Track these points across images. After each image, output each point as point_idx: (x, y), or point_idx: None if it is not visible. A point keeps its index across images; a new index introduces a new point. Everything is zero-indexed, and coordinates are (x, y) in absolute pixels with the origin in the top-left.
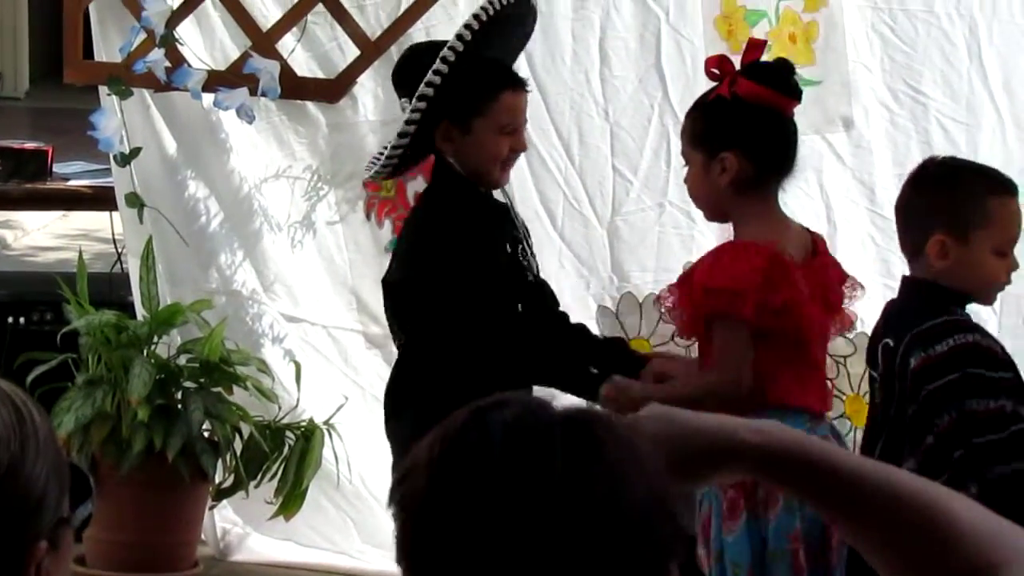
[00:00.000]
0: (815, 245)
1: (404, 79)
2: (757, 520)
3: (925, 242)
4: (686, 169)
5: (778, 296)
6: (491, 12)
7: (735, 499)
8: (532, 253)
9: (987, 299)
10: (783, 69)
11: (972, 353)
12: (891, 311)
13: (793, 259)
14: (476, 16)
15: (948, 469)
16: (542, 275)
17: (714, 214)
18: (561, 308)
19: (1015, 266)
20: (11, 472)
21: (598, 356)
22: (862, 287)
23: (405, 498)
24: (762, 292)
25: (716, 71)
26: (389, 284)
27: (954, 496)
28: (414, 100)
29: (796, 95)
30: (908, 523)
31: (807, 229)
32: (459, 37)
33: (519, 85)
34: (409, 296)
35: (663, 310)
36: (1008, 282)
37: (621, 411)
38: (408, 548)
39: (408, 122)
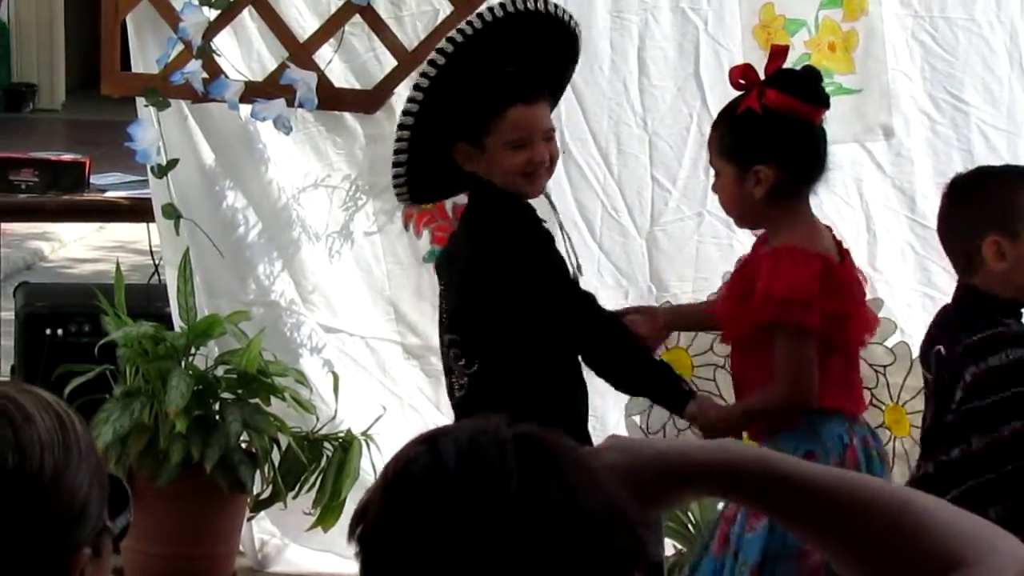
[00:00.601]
0: (839, 247)
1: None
2: None
3: (978, 249)
4: (714, 178)
5: (835, 303)
6: (478, 26)
7: None
8: (575, 256)
9: None
10: (811, 78)
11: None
12: (944, 317)
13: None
14: (461, 29)
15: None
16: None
17: (746, 222)
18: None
19: None
20: (55, 478)
21: None
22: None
23: (363, 533)
24: (823, 300)
25: (742, 80)
26: (455, 314)
27: (923, 496)
28: (400, 119)
29: (825, 103)
30: (878, 528)
31: (830, 230)
32: (440, 51)
33: (528, 96)
34: (480, 323)
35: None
36: None
37: (705, 431)
38: None
39: (397, 142)
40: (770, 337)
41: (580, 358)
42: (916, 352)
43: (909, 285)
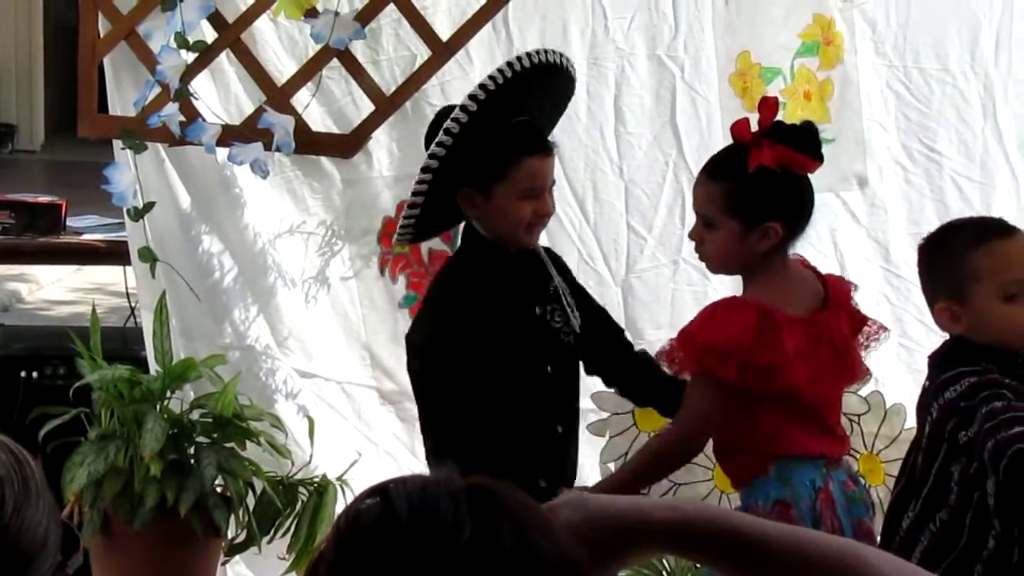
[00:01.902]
0: (828, 292)
1: (427, 139)
2: None
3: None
4: (701, 228)
5: (764, 357)
6: (508, 75)
7: None
8: (571, 311)
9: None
10: (813, 132)
11: (985, 385)
12: (931, 362)
13: (792, 315)
14: (492, 78)
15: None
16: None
17: (732, 272)
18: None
19: None
20: (16, 512)
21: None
22: (885, 329)
23: None
24: (748, 352)
25: (742, 137)
26: (408, 344)
27: (867, 550)
28: (425, 162)
29: (822, 157)
30: None
31: (818, 274)
32: (472, 97)
33: (542, 149)
34: (420, 363)
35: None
36: None
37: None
38: None
39: (419, 184)
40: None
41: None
42: (890, 402)
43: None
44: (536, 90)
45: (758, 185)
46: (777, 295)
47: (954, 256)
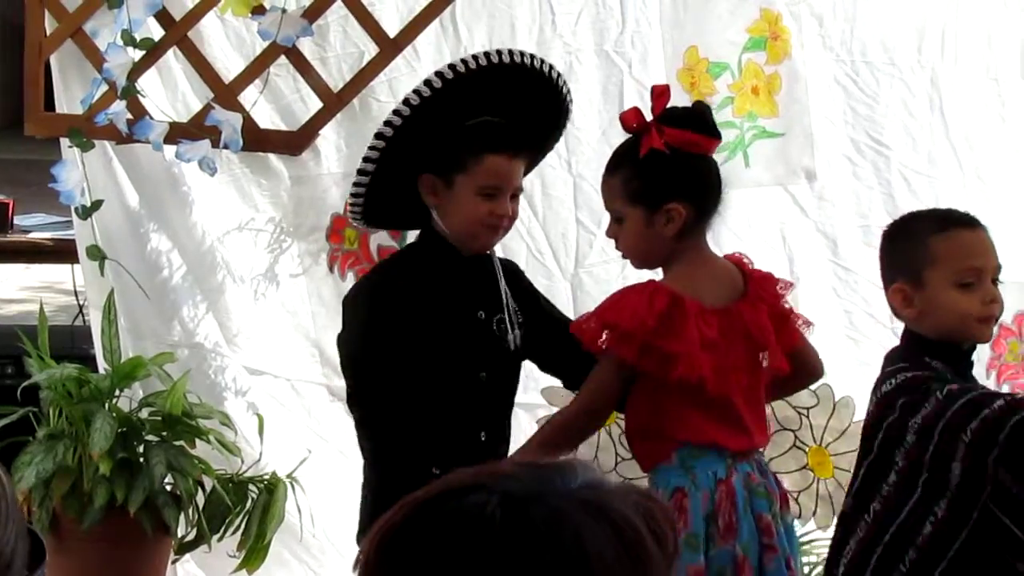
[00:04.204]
0: (747, 284)
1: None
2: None
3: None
4: (612, 224)
5: (667, 343)
6: (485, 63)
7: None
8: (514, 322)
9: (975, 334)
10: (703, 111)
11: (918, 382)
12: (884, 359)
13: (706, 305)
14: (464, 61)
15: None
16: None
17: (651, 263)
18: None
19: (991, 295)
20: None
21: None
22: (810, 324)
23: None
24: (651, 335)
25: (635, 124)
26: (338, 343)
27: None
28: (372, 139)
29: (718, 135)
30: None
31: (740, 267)
32: (440, 74)
33: (508, 149)
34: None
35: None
36: (992, 312)
37: None
38: None
39: (370, 151)
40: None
41: None
42: (839, 395)
43: (831, 328)
44: (517, 94)
45: (652, 168)
46: (693, 283)
47: (915, 239)
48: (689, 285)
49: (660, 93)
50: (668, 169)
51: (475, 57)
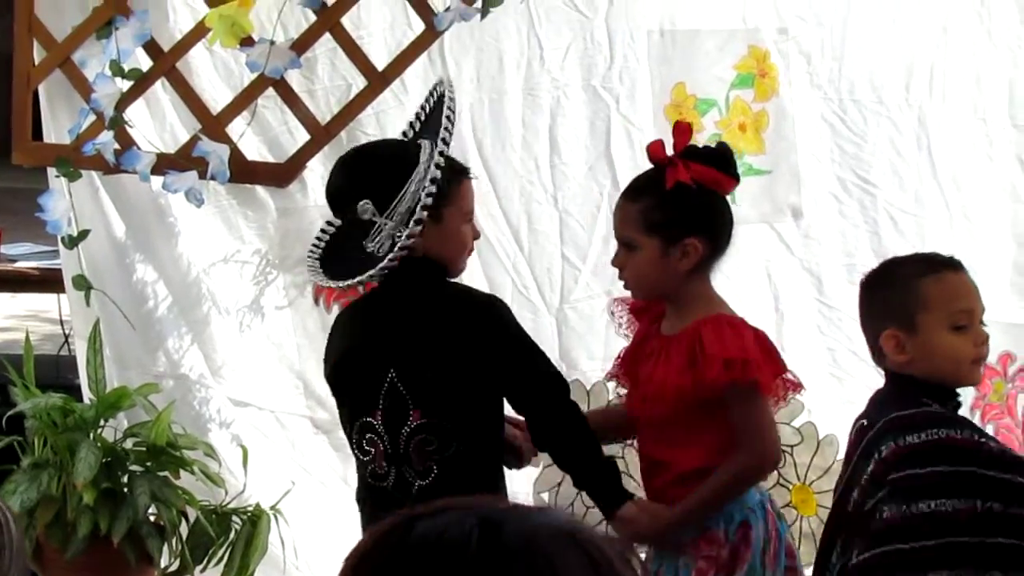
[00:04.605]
0: None
1: (360, 180)
2: None
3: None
4: (622, 252)
5: (775, 366)
6: (453, 109)
7: (704, 571)
8: None
9: (967, 377)
10: (728, 152)
11: (946, 449)
12: (874, 397)
13: None
14: (452, 108)
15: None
16: None
17: (655, 295)
18: None
19: (982, 337)
20: None
21: None
22: None
23: None
24: (766, 362)
25: (657, 157)
26: (432, 396)
27: None
28: (423, 194)
29: (739, 177)
30: None
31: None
32: (444, 140)
33: (470, 173)
34: (460, 404)
35: (616, 317)
36: (983, 354)
37: (638, 536)
38: None
39: (417, 221)
40: (717, 406)
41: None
42: (823, 432)
43: (816, 366)
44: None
45: (676, 201)
46: (728, 309)
47: (904, 285)
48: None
49: (684, 130)
50: (692, 204)
51: (450, 108)
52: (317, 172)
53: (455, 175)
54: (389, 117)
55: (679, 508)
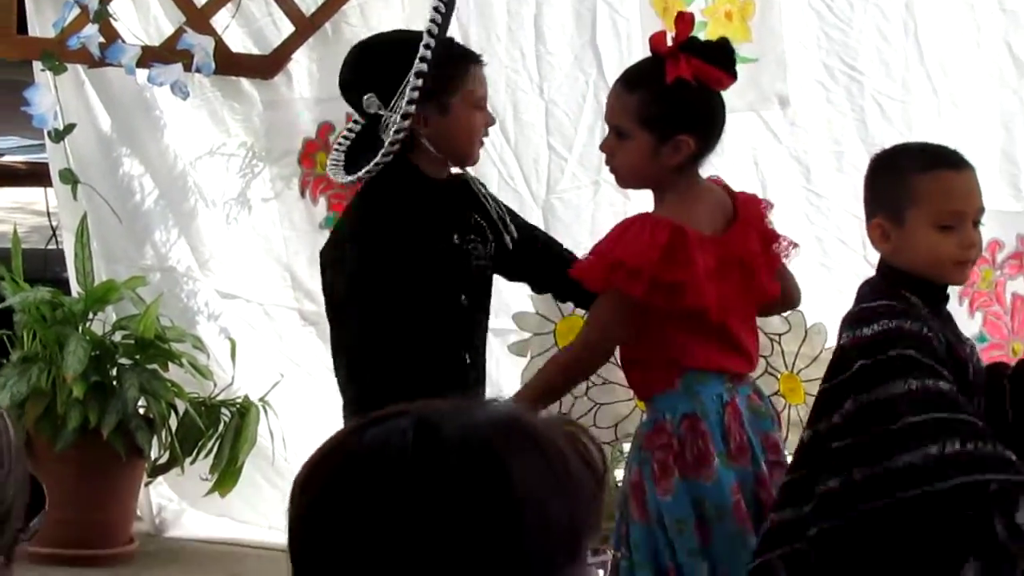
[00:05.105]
0: (737, 209)
1: (365, 73)
2: (689, 480)
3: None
4: (612, 139)
5: (673, 274)
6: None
7: (664, 460)
8: (489, 235)
9: (949, 276)
10: (730, 49)
11: (898, 336)
12: (859, 287)
13: (704, 234)
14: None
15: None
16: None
17: (640, 187)
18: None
19: (969, 240)
20: None
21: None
22: (795, 245)
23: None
24: (658, 269)
25: (658, 48)
26: (324, 258)
27: None
28: (407, 93)
29: (736, 75)
30: None
31: (729, 192)
32: (433, 20)
33: (480, 58)
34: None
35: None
36: (968, 257)
37: None
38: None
39: (405, 116)
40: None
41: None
42: (811, 321)
43: (804, 255)
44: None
45: (674, 97)
46: (689, 213)
47: (899, 175)
48: (686, 215)
49: (687, 20)
50: (689, 101)
51: None
52: (302, 64)
53: (460, 62)
54: (373, 8)
55: (520, 394)
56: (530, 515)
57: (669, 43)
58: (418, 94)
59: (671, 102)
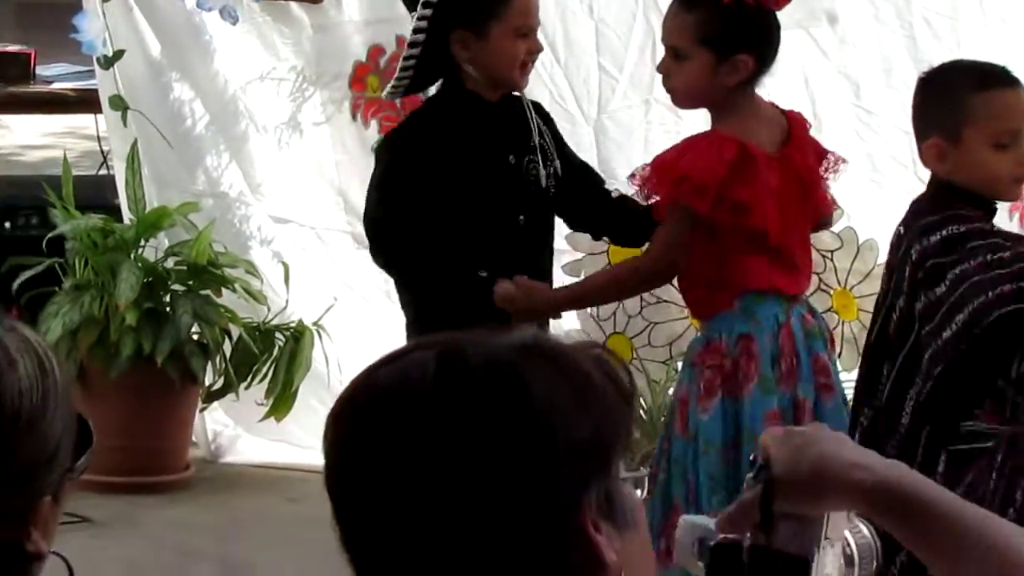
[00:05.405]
0: (790, 127)
1: None
2: (733, 401)
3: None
4: (670, 59)
5: (741, 192)
6: None
7: (712, 379)
8: (551, 156)
9: (1006, 194)
10: None
11: (964, 237)
12: (912, 204)
13: (767, 152)
14: None
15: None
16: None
17: (699, 106)
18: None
19: None
20: (29, 426)
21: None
22: (844, 160)
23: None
24: (725, 186)
25: None
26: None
27: None
28: (419, 7)
29: None
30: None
31: (780, 110)
32: None
33: None
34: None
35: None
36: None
37: (518, 314)
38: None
39: (416, 31)
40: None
41: None
42: (862, 237)
43: (854, 171)
44: None
45: (733, 16)
46: (750, 131)
47: (954, 95)
48: (750, 133)
49: None
50: (748, 20)
51: None
52: None
53: None
54: None
55: (562, 289)
56: (556, 431)
57: None
58: (430, 11)
59: (730, 21)
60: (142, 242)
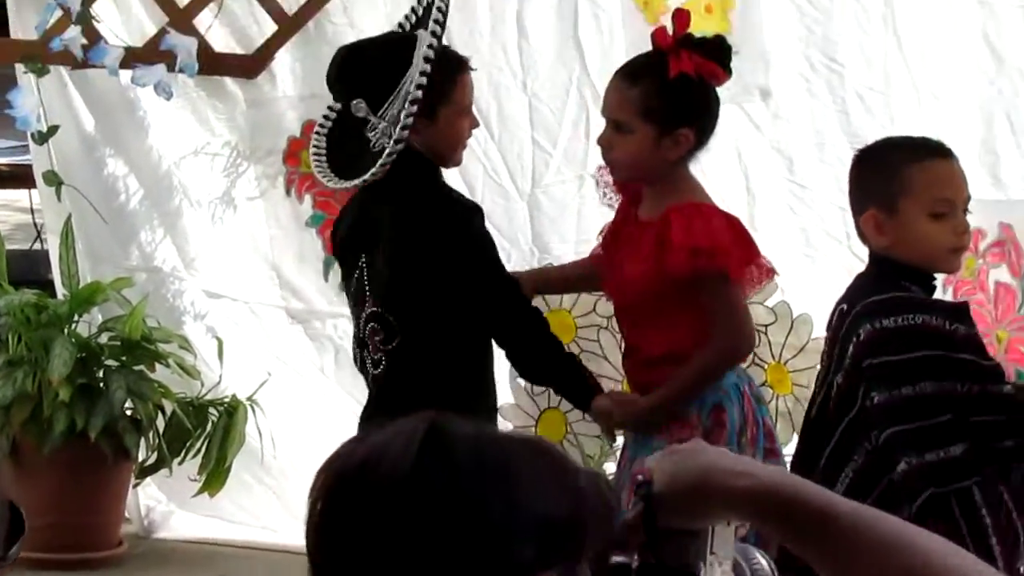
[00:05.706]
0: None
1: (353, 78)
2: None
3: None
4: (611, 132)
5: (744, 252)
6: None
7: None
8: None
9: (944, 266)
10: (726, 45)
11: (921, 334)
12: (856, 281)
13: None
14: (440, 9)
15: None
16: None
17: (639, 180)
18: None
19: (962, 226)
20: None
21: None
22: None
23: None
24: (751, 253)
25: (660, 44)
26: (384, 287)
27: (933, 539)
28: (407, 101)
29: (731, 71)
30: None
31: None
32: (433, 33)
33: (468, 65)
34: (409, 298)
35: (601, 185)
36: (963, 243)
37: (614, 426)
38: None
39: (403, 128)
40: (686, 293)
41: (493, 341)
42: (796, 312)
43: (788, 246)
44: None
45: (677, 91)
46: (706, 198)
47: (891, 166)
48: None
49: (684, 18)
50: (691, 95)
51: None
52: (285, 63)
53: (451, 70)
54: (357, 7)
55: (655, 395)
56: (530, 501)
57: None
58: (416, 108)
59: (674, 96)
60: (76, 317)
